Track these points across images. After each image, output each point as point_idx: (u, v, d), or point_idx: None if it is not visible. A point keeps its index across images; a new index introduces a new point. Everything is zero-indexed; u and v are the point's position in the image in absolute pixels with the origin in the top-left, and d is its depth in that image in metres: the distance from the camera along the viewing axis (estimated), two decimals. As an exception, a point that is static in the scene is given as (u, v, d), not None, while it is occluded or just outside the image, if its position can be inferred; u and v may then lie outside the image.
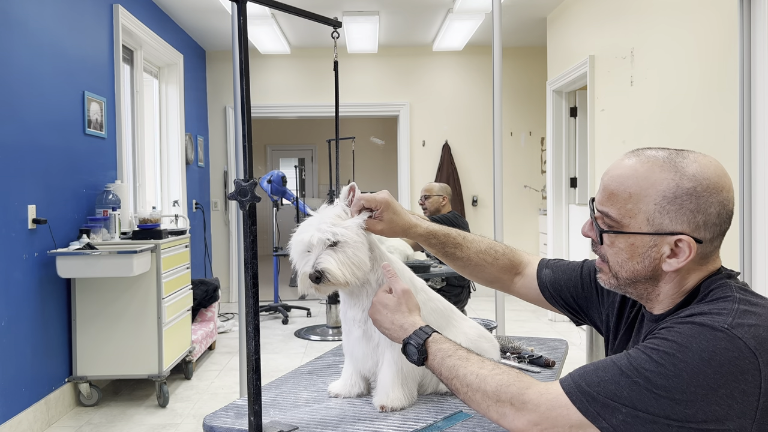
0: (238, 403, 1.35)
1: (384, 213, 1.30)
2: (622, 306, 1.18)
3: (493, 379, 1.00)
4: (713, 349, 0.85)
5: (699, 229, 0.96)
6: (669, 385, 0.85)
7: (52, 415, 3.22)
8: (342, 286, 1.27)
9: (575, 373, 0.95)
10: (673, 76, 3.41)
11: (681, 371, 0.85)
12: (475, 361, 1.06)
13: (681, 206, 0.95)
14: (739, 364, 0.85)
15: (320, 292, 1.28)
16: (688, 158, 0.97)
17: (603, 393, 0.90)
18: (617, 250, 1.02)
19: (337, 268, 1.24)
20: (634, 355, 0.91)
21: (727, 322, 0.88)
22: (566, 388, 0.94)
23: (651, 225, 0.97)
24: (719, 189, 0.96)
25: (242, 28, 1.22)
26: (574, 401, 0.92)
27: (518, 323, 5.19)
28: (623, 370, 0.90)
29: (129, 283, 3.42)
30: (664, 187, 0.96)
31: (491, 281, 1.40)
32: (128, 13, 4.30)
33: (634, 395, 0.87)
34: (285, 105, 6.67)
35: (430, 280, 4.01)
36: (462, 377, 1.04)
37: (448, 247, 1.36)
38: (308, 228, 1.28)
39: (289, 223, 9.18)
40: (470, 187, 6.76)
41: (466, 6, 5.04)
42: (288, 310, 5.88)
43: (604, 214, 1.02)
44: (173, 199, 5.42)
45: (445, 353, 1.09)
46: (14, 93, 2.97)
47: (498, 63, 2.78)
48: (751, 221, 2.76)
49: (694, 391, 0.84)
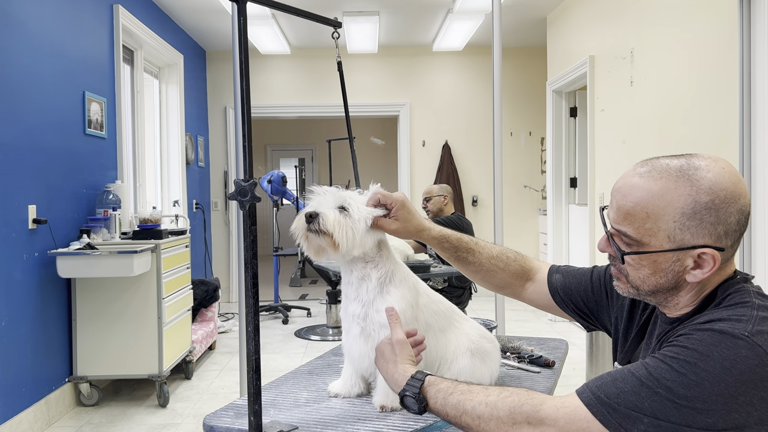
0: (238, 403, 1.35)
1: (399, 212, 1.31)
2: (632, 309, 1.18)
3: (504, 403, 0.97)
4: (734, 357, 0.85)
5: (721, 239, 0.94)
6: (691, 394, 0.85)
7: (53, 415, 3.22)
8: (330, 245, 1.28)
9: (592, 385, 0.93)
10: (673, 76, 3.41)
11: (703, 380, 0.84)
12: (479, 391, 1.02)
13: (701, 221, 0.93)
14: (759, 372, 0.84)
15: (309, 243, 1.30)
16: (701, 168, 0.95)
17: (624, 404, 0.88)
18: (639, 267, 1.00)
19: (333, 220, 1.27)
20: (653, 364, 0.89)
21: (747, 330, 0.87)
22: (585, 401, 0.92)
23: (672, 242, 0.95)
24: (737, 197, 0.94)
25: (242, 28, 1.22)
26: (595, 413, 0.90)
27: (518, 323, 5.19)
28: (643, 381, 0.88)
29: (129, 283, 3.42)
30: (682, 204, 0.94)
31: (502, 287, 1.40)
32: (128, 13, 4.30)
33: (655, 405, 0.86)
34: (285, 105, 6.67)
35: (432, 280, 4.01)
36: (471, 411, 1.00)
37: (460, 252, 1.36)
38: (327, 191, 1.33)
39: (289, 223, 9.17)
40: (470, 187, 6.76)
41: (466, 6, 5.04)
42: (288, 310, 5.88)
43: (621, 233, 1.00)
44: (173, 199, 5.42)
45: (445, 393, 1.05)
46: (14, 93, 2.97)
47: (498, 63, 2.78)
48: (751, 221, 2.75)
49: (716, 400, 0.84)
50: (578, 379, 3.78)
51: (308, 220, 1.28)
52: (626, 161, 3.97)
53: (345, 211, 1.29)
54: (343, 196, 1.31)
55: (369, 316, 1.32)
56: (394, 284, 1.33)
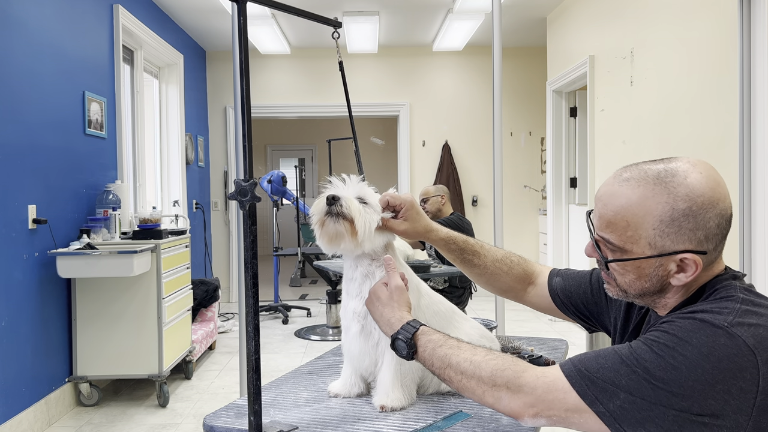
0: (238, 403, 1.35)
1: (408, 212, 1.33)
2: (628, 309, 1.20)
3: (488, 365, 1.00)
4: (712, 345, 0.87)
5: (701, 243, 0.96)
6: (667, 377, 0.87)
7: (53, 415, 3.22)
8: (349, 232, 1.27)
9: (575, 359, 0.96)
10: (672, 76, 3.41)
11: (680, 364, 0.87)
12: (467, 349, 1.05)
13: (680, 227, 0.95)
14: (738, 361, 0.86)
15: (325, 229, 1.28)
16: (678, 174, 0.96)
17: (602, 378, 0.91)
18: (624, 272, 1.02)
19: (356, 207, 1.27)
20: (635, 345, 0.92)
21: (728, 321, 0.89)
22: (566, 372, 0.94)
23: (653, 248, 0.97)
24: (715, 202, 0.95)
25: (242, 28, 1.22)
26: (573, 384, 0.93)
27: (518, 323, 5.19)
28: (623, 359, 0.91)
29: (129, 283, 3.42)
30: (660, 212, 0.95)
31: (505, 290, 1.41)
32: (128, 13, 4.30)
33: (632, 383, 0.89)
34: (285, 105, 6.67)
35: (432, 280, 4.01)
36: (455, 365, 1.03)
37: (466, 254, 1.38)
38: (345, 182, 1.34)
39: (289, 223, 9.20)
40: (470, 187, 6.76)
41: (466, 6, 5.04)
42: (288, 310, 5.88)
43: (605, 240, 1.02)
44: (173, 199, 5.42)
45: (435, 344, 1.08)
46: (14, 93, 2.97)
47: (498, 63, 2.79)
48: (751, 221, 2.76)
49: (692, 385, 0.86)
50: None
51: (330, 202, 1.28)
52: (626, 161, 3.95)
53: (364, 204, 1.30)
54: (363, 189, 1.33)
55: (370, 315, 1.32)
56: None
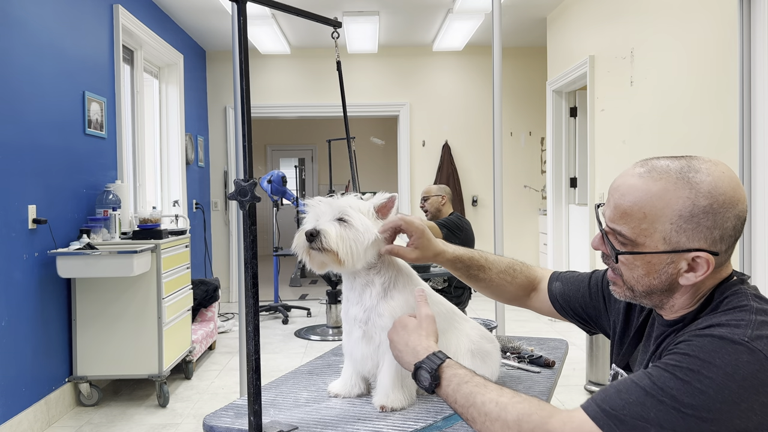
0: (238, 403, 1.35)
1: (419, 240, 1.30)
2: (628, 312, 1.18)
3: (514, 408, 0.96)
4: (736, 363, 0.85)
5: (716, 243, 0.95)
6: (696, 403, 0.84)
7: (53, 415, 3.22)
8: (334, 261, 1.27)
9: (597, 398, 0.93)
10: (672, 76, 3.41)
11: (707, 388, 0.84)
12: (493, 389, 1.01)
13: (698, 224, 0.94)
14: (760, 377, 0.84)
15: (312, 259, 1.28)
16: (701, 171, 0.95)
17: (630, 415, 0.87)
18: (633, 267, 1.00)
19: (336, 235, 1.24)
20: (656, 373, 0.89)
21: (747, 335, 0.87)
22: (591, 414, 0.90)
23: (667, 244, 0.96)
24: (735, 202, 0.94)
25: (242, 28, 1.22)
26: (602, 426, 0.89)
27: (518, 323, 5.19)
28: (647, 391, 0.88)
29: (129, 283, 3.42)
30: (680, 206, 0.94)
31: (511, 299, 1.42)
32: (128, 13, 4.30)
33: (661, 415, 0.86)
34: (285, 105, 6.67)
35: (432, 280, 4.01)
36: (480, 405, 0.99)
37: (472, 270, 1.37)
38: (322, 201, 1.30)
39: (289, 223, 9.20)
40: (470, 187, 6.76)
41: (466, 6, 5.04)
42: (288, 310, 5.88)
43: (616, 232, 1.00)
44: (173, 199, 5.42)
45: (461, 379, 1.04)
46: (14, 93, 2.97)
47: (498, 63, 2.79)
48: (751, 221, 2.76)
49: (719, 407, 0.84)
50: (578, 379, 3.78)
51: (309, 239, 1.25)
52: (626, 161, 3.97)
53: (345, 223, 1.27)
54: (341, 206, 1.28)
55: (371, 320, 1.32)
56: (397, 289, 1.34)
